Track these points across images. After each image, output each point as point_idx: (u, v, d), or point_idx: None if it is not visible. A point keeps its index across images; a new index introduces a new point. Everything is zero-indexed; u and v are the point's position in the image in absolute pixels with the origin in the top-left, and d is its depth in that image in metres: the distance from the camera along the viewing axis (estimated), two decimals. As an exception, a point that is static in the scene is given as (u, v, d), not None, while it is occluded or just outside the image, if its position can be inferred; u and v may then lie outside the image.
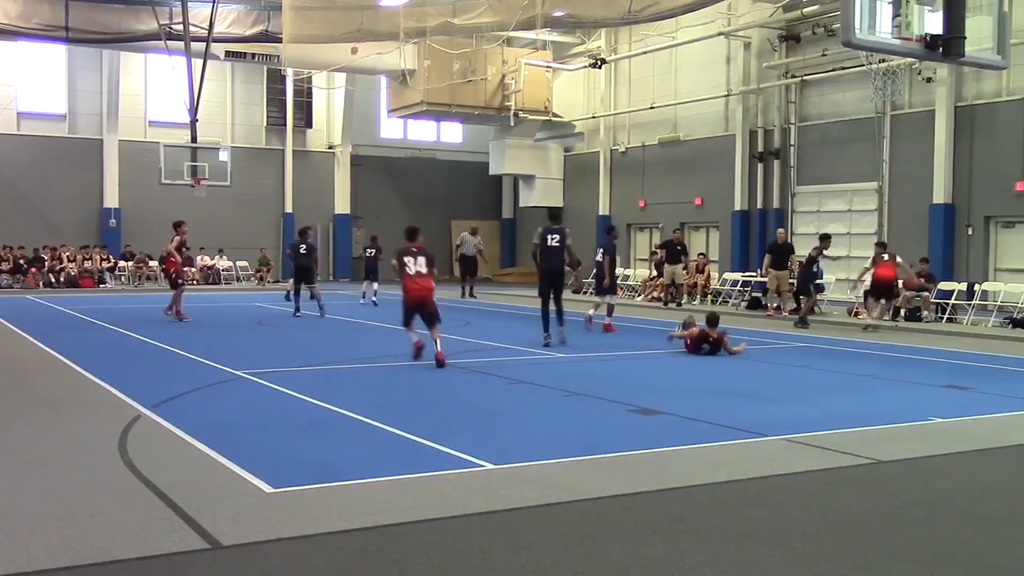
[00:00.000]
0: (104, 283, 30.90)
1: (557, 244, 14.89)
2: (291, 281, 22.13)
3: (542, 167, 36.95)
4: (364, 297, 24.81)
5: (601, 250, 18.35)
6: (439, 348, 12.45)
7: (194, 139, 29.12)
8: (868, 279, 19.59)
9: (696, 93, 30.46)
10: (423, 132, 40.28)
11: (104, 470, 6.75)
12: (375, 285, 24.75)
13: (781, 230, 23.86)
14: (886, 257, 18.87)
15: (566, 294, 16.03)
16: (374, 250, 24.95)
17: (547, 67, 34.17)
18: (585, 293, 26.73)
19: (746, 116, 29.30)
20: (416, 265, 12.84)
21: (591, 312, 18.43)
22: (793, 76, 28.05)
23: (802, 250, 23.68)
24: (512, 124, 34.17)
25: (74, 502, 5.92)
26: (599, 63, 31.98)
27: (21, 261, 30.31)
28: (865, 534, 5.54)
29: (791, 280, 21.88)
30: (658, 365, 13.54)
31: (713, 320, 14.48)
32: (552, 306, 15.06)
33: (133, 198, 33.52)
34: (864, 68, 24.65)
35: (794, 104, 28.26)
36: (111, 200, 33.61)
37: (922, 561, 5.13)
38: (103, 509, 5.78)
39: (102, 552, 5.01)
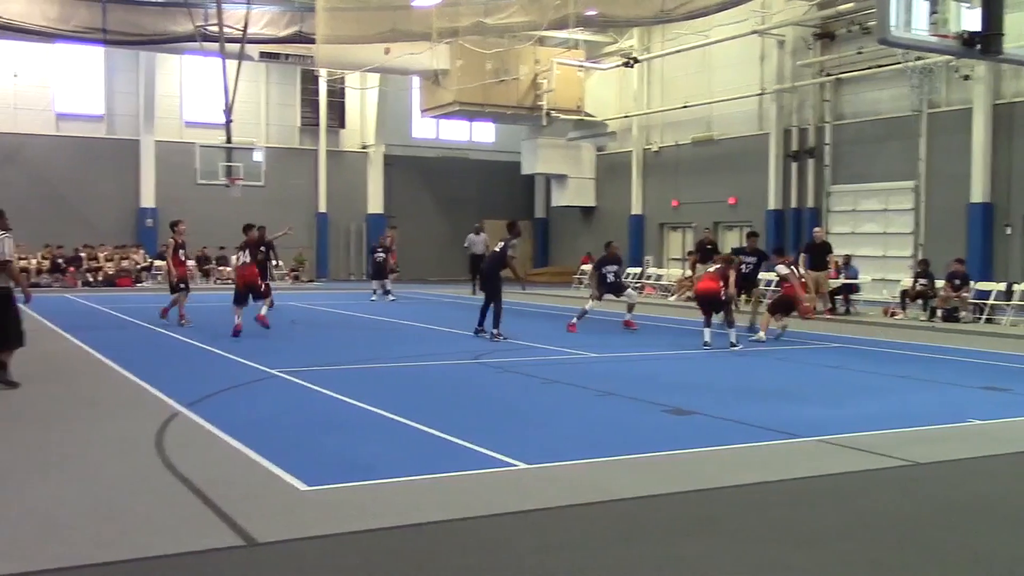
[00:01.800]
0: (141, 282, 31.22)
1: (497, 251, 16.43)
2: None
3: (574, 167, 36.89)
4: (390, 294, 25.70)
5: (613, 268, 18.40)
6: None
7: (229, 139, 29.42)
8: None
9: (730, 92, 30.28)
10: (455, 132, 40.35)
11: (141, 467, 6.83)
12: (384, 283, 26.02)
13: (818, 229, 23.63)
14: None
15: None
16: (383, 252, 26.36)
17: (579, 66, 34.11)
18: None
19: (780, 115, 29.08)
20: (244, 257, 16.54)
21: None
22: (828, 74, 27.80)
23: (838, 250, 23.51)
24: (544, 124, 34.14)
25: (112, 499, 6.00)
26: (632, 62, 31.88)
27: (60, 261, 30.70)
28: (901, 537, 5.49)
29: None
30: (691, 365, 13.48)
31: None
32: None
33: (169, 198, 33.81)
34: (900, 66, 24.37)
35: (829, 102, 28.00)
36: (147, 200, 33.96)
37: (960, 565, 5.07)
38: (141, 506, 5.85)
39: (140, 548, 5.07)
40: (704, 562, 5.01)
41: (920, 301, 21.07)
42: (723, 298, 15.22)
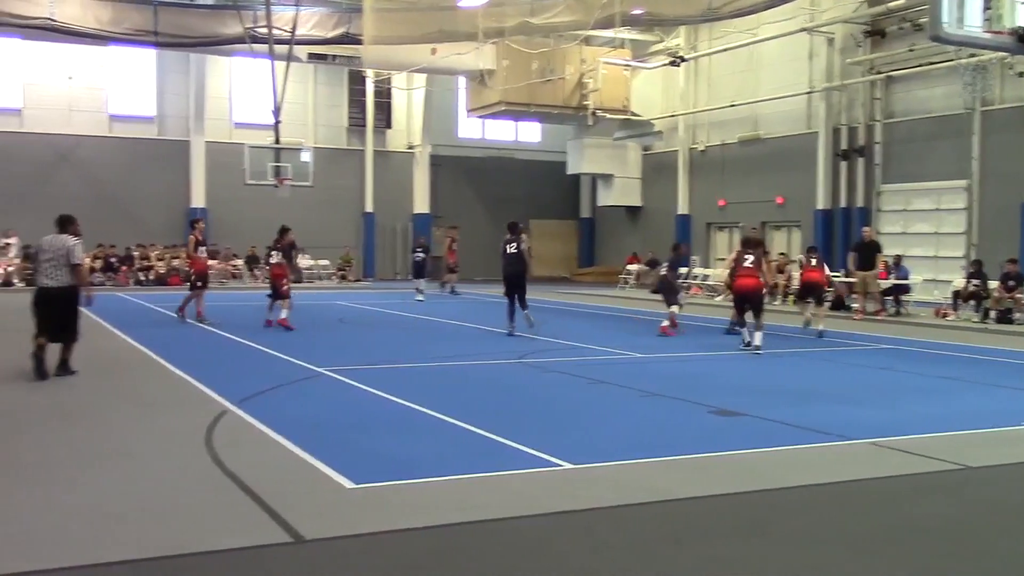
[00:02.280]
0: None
1: (514, 251, 16.91)
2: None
3: (620, 166, 36.78)
4: (421, 293, 26.09)
5: (666, 265, 18.39)
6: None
7: (277, 140, 29.67)
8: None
9: (777, 90, 29.99)
10: (501, 132, 40.41)
11: (191, 464, 6.93)
12: (423, 282, 26.44)
13: (867, 228, 23.33)
14: (814, 262, 18.68)
15: None
16: (423, 252, 26.97)
17: (625, 66, 33.99)
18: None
19: (829, 113, 28.75)
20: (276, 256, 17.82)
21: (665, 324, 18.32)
22: (878, 72, 27.43)
23: (889, 250, 23.20)
24: (590, 123, 34.07)
25: (162, 494, 6.08)
26: (678, 61, 31.69)
27: (112, 260, 31.20)
28: (953, 542, 5.40)
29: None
30: (738, 366, 13.36)
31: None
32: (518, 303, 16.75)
33: (218, 198, 34.26)
34: (953, 63, 24.01)
35: (879, 100, 27.64)
36: (198, 200, 34.41)
37: (1012, 571, 4.98)
38: (190, 502, 5.93)
39: (189, 543, 5.14)
40: (751, 565, 4.97)
41: (972, 302, 20.73)
42: (764, 292, 14.94)
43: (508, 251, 17.00)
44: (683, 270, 18.10)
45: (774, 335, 17.26)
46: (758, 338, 14.37)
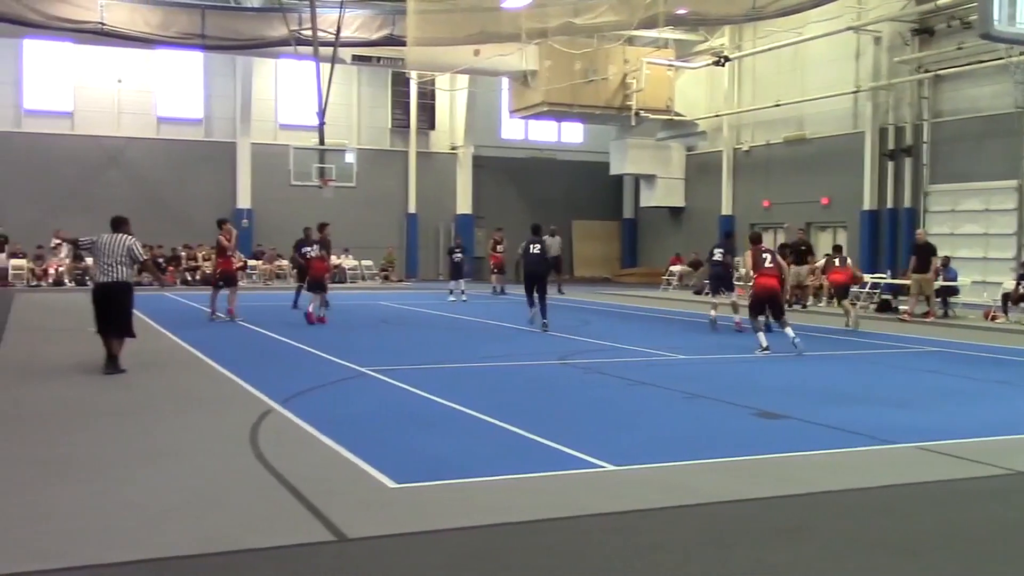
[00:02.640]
0: (237, 281, 31.93)
1: (538, 252, 17.95)
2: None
3: (664, 167, 36.59)
4: (452, 294, 26.00)
5: (722, 251, 18.79)
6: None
7: (322, 141, 29.99)
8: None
9: (823, 90, 29.68)
10: (544, 132, 40.39)
11: (236, 462, 7.01)
12: (462, 283, 26.33)
13: (920, 231, 23.03)
14: (837, 263, 18.83)
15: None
16: (460, 252, 27.03)
17: (669, 66, 33.81)
18: (704, 293, 26.38)
19: (876, 113, 28.39)
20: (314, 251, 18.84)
21: (713, 313, 18.31)
22: (926, 71, 27.03)
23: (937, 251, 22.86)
24: (633, 124, 33.93)
25: (207, 492, 6.16)
26: (723, 61, 31.48)
27: (160, 260, 31.63)
28: (1001, 548, 5.31)
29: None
30: (781, 368, 13.25)
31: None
32: (538, 301, 17.57)
33: (264, 199, 34.62)
34: (1003, 61, 23.59)
35: (927, 100, 27.24)
36: (243, 201, 34.80)
37: (1064, 578, 4.89)
38: (235, 500, 6.00)
39: (233, 541, 5.21)
40: (795, 569, 4.93)
41: (1023, 305, 20.36)
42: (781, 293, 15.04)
43: (532, 251, 17.86)
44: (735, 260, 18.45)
45: (821, 337, 17.11)
46: (790, 332, 14.19)
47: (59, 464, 6.88)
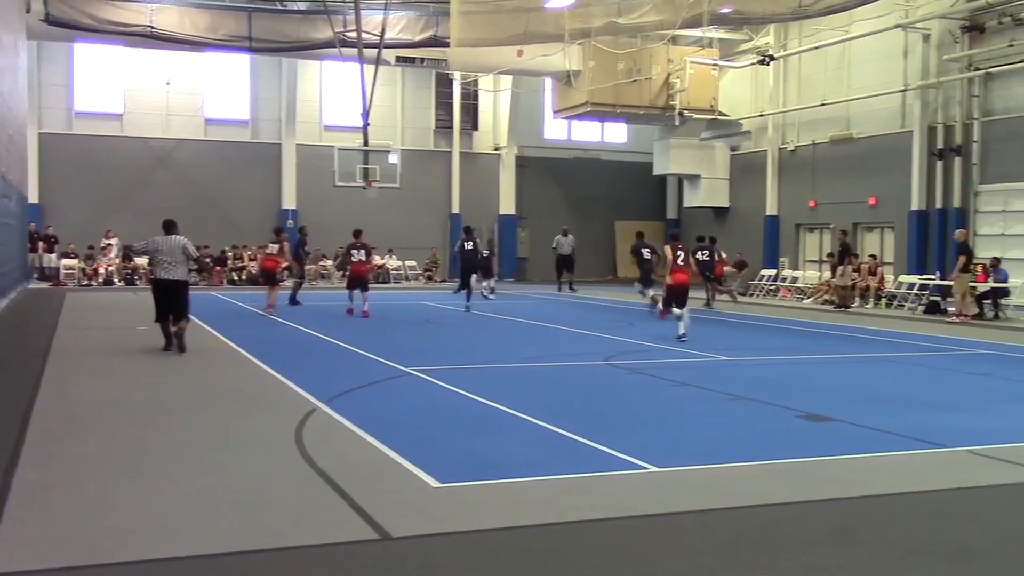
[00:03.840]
0: (282, 281, 32.27)
1: (471, 248, 23.37)
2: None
3: (707, 167, 36.34)
4: (492, 293, 26.39)
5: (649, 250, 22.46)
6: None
7: (366, 142, 30.19)
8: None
9: (870, 88, 29.29)
10: (587, 133, 40.31)
11: (282, 460, 7.08)
12: (492, 282, 26.64)
13: (960, 231, 22.70)
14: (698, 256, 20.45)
15: None
16: (488, 252, 27.23)
17: (713, 65, 33.59)
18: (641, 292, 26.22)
19: (924, 111, 27.97)
20: (360, 254, 20.58)
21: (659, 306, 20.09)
22: (976, 68, 26.58)
23: (987, 252, 22.50)
24: (677, 123, 33.74)
25: (253, 489, 6.23)
26: (767, 60, 31.20)
27: (207, 260, 32.01)
28: (1055, 554, 5.21)
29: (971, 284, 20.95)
30: (826, 370, 13.11)
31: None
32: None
33: (309, 200, 34.91)
34: (1057, 58, 23.16)
35: (977, 98, 26.78)
36: (289, 201, 35.12)
37: (1120, 586, 4.79)
38: (280, 497, 6.06)
39: (279, 538, 5.26)
40: (842, 574, 4.88)
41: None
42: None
43: (467, 247, 23.27)
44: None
45: (868, 339, 16.91)
46: (685, 320, 15.91)
47: (111, 460, 7.00)
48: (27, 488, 6.14)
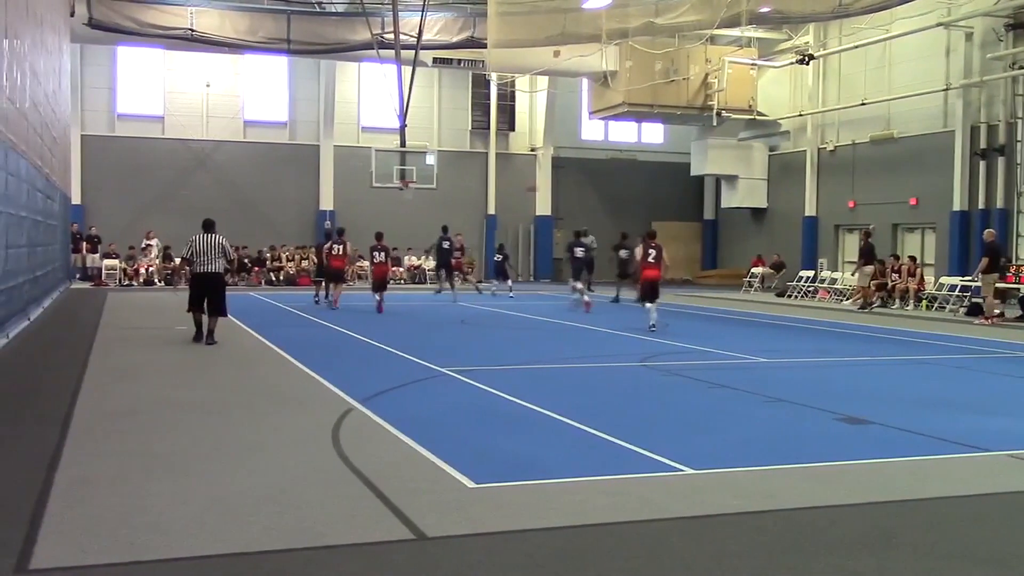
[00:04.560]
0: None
1: (447, 247, 26.39)
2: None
3: (745, 167, 36.11)
4: (511, 292, 27.40)
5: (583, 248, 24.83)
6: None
7: (403, 143, 30.34)
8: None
9: (912, 88, 28.96)
10: (624, 133, 40.21)
11: (318, 459, 7.12)
12: (509, 282, 27.75)
13: (989, 231, 22.39)
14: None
15: None
16: (502, 256, 28.27)
17: (752, 65, 33.38)
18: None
19: (967, 111, 27.60)
20: (380, 256, 22.10)
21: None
22: (1021, 67, 26.20)
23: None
24: (715, 124, 33.59)
25: (290, 488, 6.27)
26: (807, 59, 30.94)
27: (246, 260, 32.32)
28: (1099, 561, 5.12)
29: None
30: (864, 372, 12.98)
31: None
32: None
33: (346, 201, 35.14)
34: (1103, 56, 22.75)
35: (1022, 97, 26.40)
36: (326, 202, 35.37)
37: None
38: (317, 496, 6.10)
39: (315, 537, 5.29)
40: (880, 578, 4.83)
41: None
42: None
43: (443, 246, 26.47)
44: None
45: (907, 341, 16.73)
46: (653, 313, 16.91)
47: (151, 458, 7.08)
48: (69, 485, 6.23)
